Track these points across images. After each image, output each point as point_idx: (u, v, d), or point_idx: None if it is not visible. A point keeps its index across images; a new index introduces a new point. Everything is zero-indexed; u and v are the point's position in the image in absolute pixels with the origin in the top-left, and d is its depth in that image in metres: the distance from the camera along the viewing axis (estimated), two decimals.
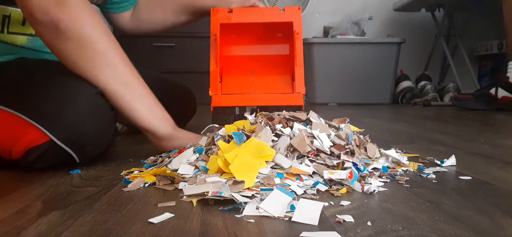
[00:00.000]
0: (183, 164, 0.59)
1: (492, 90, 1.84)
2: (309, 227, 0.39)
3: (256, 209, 0.43)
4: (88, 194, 0.51)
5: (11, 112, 0.64)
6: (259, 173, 0.53)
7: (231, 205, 0.45)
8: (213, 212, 0.44)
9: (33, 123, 0.62)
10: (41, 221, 0.41)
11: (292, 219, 0.41)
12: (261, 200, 0.46)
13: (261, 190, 0.49)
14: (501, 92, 1.81)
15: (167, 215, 0.43)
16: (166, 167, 0.60)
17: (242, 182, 0.49)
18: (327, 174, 0.53)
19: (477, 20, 2.67)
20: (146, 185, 0.55)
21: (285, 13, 0.94)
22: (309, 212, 0.42)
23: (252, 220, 0.41)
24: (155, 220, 0.41)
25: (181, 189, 0.51)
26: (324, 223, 0.40)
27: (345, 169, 0.55)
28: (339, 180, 0.52)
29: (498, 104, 1.81)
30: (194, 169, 0.57)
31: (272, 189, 0.48)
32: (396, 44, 2.46)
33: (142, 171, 0.61)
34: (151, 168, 0.62)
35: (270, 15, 0.95)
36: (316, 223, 0.40)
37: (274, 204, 0.44)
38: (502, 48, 2.38)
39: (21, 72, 0.71)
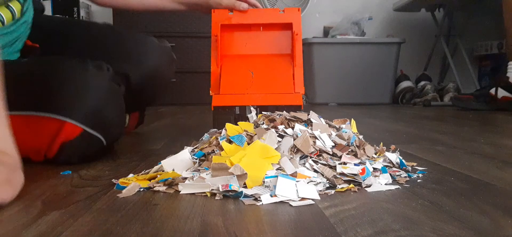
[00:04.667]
0: (180, 167, 0.58)
1: (492, 90, 1.84)
2: (306, 226, 0.39)
3: (271, 196, 0.47)
4: (88, 194, 0.51)
5: (39, 116, 0.65)
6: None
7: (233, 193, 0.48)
8: (213, 211, 0.44)
9: (67, 119, 0.64)
10: (41, 221, 0.41)
11: (276, 192, 0.47)
12: (270, 190, 0.49)
13: (266, 178, 0.51)
14: (501, 92, 1.81)
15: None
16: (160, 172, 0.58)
17: (245, 174, 0.50)
18: (340, 168, 0.54)
19: (477, 20, 2.67)
20: (142, 189, 0.53)
21: (285, 14, 0.95)
22: (287, 188, 0.48)
23: (269, 209, 0.45)
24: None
25: (180, 190, 0.51)
26: (324, 222, 0.40)
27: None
28: (351, 175, 0.53)
29: (498, 104, 1.81)
30: (193, 170, 0.57)
31: (276, 176, 0.51)
32: (396, 44, 2.46)
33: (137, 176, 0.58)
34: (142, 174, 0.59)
35: (270, 16, 0.96)
36: (296, 198, 0.47)
37: (286, 190, 0.48)
38: (502, 48, 2.38)
39: (28, 73, 0.71)
